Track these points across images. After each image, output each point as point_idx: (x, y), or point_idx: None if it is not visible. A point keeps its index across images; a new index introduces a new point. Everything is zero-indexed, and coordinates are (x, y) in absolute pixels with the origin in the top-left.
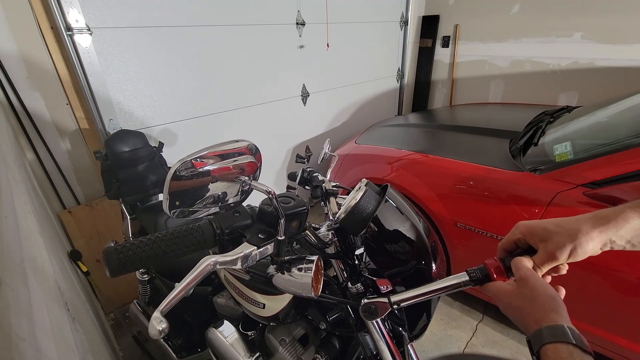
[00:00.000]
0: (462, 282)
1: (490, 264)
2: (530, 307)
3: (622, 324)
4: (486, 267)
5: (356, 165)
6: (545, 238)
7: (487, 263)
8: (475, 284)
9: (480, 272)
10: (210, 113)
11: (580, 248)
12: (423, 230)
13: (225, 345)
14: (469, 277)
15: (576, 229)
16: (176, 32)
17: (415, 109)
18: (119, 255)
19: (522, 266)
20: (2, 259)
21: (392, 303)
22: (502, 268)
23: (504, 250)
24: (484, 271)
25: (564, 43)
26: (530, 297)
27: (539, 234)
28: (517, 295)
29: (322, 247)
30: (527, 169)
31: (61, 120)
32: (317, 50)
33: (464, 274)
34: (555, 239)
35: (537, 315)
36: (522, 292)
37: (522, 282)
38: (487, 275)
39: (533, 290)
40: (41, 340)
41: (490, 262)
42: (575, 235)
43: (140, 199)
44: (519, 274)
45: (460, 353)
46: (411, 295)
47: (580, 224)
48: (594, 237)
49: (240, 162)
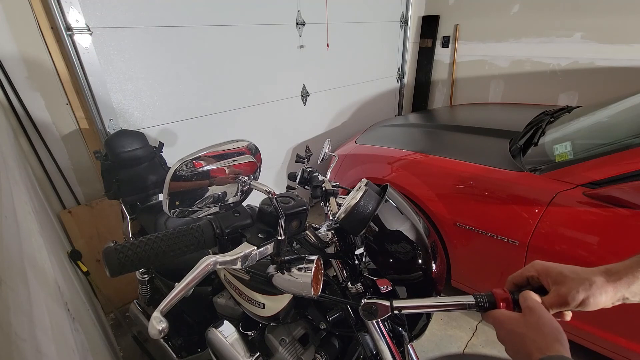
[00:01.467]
0: (467, 304)
1: (499, 294)
2: (535, 335)
3: (622, 324)
4: (494, 296)
5: (356, 165)
6: (560, 281)
7: (495, 292)
8: (480, 310)
9: (487, 299)
10: (210, 113)
11: (593, 299)
12: (423, 230)
13: (225, 345)
14: (475, 301)
15: (591, 280)
16: (176, 32)
17: (415, 109)
18: (119, 255)
19: (530, 298)
20: (2, 259)
21: (394, 308)
22: (510, 300)
23: (514, 284)
24: (491, 299)
25: (564, 43)
26: (535, 326)
27: (554, 277)
28: (522, 323)
29: (322, 247)
30: (527, 169)
31: (61, 120)
32: (317, 50)
33: (471, 297)
34: (569, 285)
35: (541, 344)
36: (528, 319)
37: (528, 311)
38: (494, 304)
39: (539, 319)
40: (41, 340)
41: (499, 292)
42: (590, 285)
43: (140, 199)
44: (527, 303)
45: (460, 353)
46: (414, 304)
47: (595, 275)
48: (607, 291)
49: (240, 162)
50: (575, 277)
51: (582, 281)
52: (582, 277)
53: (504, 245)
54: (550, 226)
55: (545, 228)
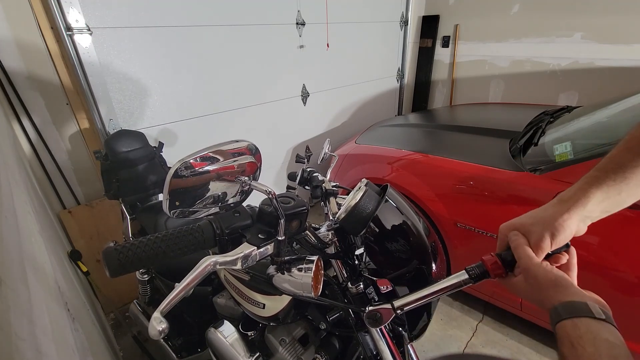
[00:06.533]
0: (462, 280)
1: (487, 260)
2: (539, 294)
3: (622, 324)
4: (484, 264)
5: (356, 165)
6: (526, 232)
7: (484, 259)
8: (476, 281)
9: (478, 269)
10: (210, 113)
11: (558, 234)
12: (423, 230)
13: (225, 345)
14: (468, 275)
15: (548, 217)
16: (176, 32)
17: (415, 109)
18: (119, 256)
19: (522, 256)
20: (2, 259)
21: (396, 308)
22: (499, 263)
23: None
24: (482, 267)
25: (564, 43)
26: (536, 286)
27: (520, 230)
28: (526, 287)
29: (322, 247)
30: (527, 169)
31: (61, 120)
32: (317, 50)
33: (463, 272)
34: (533, 231)
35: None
36: (529, 282)
37: (525, 273)
38: (486, 272)
39: (536, 278)
40: (41, 340)
41: (487, 257)
42: (549, 223)
43: (140, 199)
44: (520, 264)
45: (460, 353)
46: (413, 298)
47: (548, 211)
48: (565, 221)
49: (240, 162)
50: (534, 222)
51: (541, 223)
52: (539, 218)
53: None
54: None
55: None
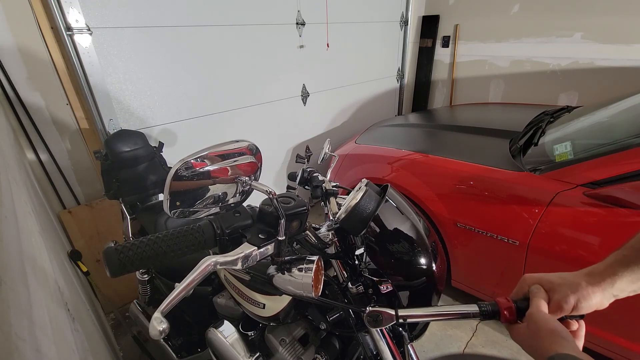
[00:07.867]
0: (471, 312)
1: (503, 303)
2: (537, 341)
3: (622, 324)
4: (498, 305)
5: (356, 165)
6: (551, 289)
7: (499, 302)
8: (484, 319)
9: (491, 307)
10: (210, 113)
11: (584, 302)
12: (423, 230)
13: (225, 345)
14: (479, 310)
15: (577, 283)
16: (176, 32)
17: (415, 109)
18: (119, 256)
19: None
20: (2, 259)
21: (399, 317)
22: (513, 309)
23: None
24: (495, 307)
25: (564, 43)
26: (535, 332)
27: (545, 286)
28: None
29: (322, 247)
30: (527, 168)
31: (61, 120)
32: (317, 50)
33: (475, 305)
34: (559, 290)
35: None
36: (530, 327)
37: (528, 318)
38: (498, 313)
39: (537, 324)
40: (41, 340)
41: (502, 301)
42: (577, 288)
43: (140, 199)
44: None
45: (460, 353)
46: (419, 314)
47: (579, 278)
48: (594, 292)
49: (241, 162)
50: (563, 282)
51: (569, 285)
52: (568, 281)
53: (504, 245)
54: (550, 226)
55: (545, 228)
